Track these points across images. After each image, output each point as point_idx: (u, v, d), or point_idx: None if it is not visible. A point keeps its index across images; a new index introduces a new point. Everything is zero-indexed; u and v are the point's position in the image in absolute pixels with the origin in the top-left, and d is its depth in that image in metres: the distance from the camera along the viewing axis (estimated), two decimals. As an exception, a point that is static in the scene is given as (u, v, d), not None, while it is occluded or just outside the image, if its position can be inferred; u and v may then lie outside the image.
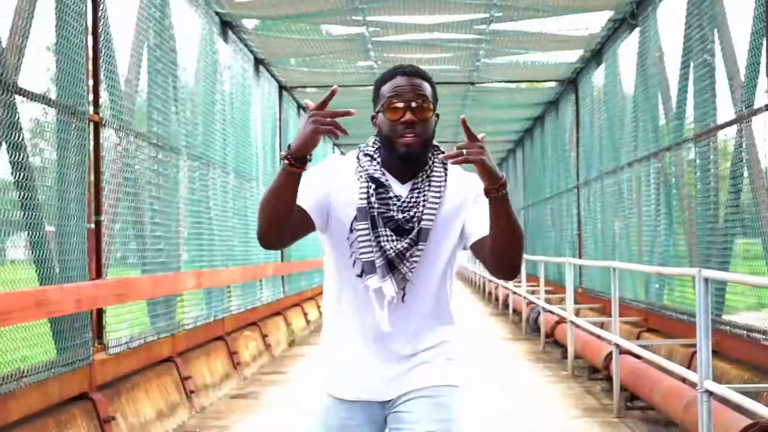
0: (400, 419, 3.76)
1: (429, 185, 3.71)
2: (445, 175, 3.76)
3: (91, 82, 8.64)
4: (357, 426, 3.81)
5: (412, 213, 3.66)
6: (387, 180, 3.70)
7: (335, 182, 3.74)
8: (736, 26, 9.77)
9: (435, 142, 3.78)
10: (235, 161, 14.83)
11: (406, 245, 3.65)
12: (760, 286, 7.92)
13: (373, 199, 3.67)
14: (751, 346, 8.97)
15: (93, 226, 8.56)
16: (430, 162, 3.76)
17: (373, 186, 3.69)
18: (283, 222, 3.55)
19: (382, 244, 3.65)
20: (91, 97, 8.63)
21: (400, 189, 3.72)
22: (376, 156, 3.76)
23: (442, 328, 3.81)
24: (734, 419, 7.40)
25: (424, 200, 3.68)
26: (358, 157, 3.78)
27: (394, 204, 3.67)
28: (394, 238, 3.65)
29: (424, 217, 3.66)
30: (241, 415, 10.68)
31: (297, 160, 3.42)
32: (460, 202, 3.74)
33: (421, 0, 13.96)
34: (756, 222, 9.15)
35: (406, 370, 3.76)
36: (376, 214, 3.66)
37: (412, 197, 3.68)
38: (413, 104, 3.65)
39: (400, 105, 3.65)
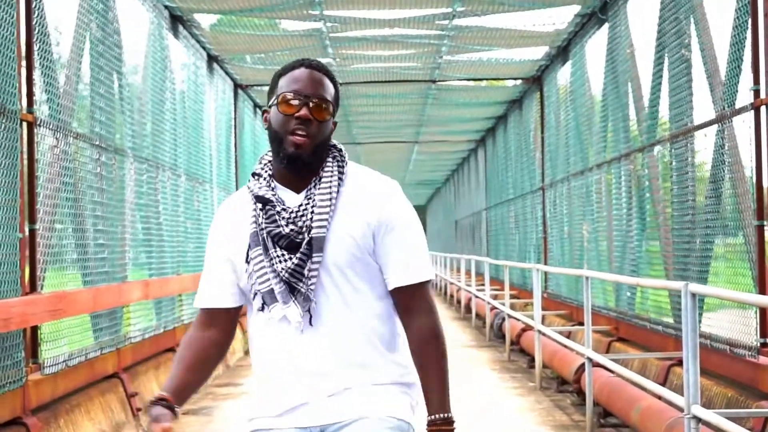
0: None
1: (319, 189, 3.26)
2: (340, 174, 3.31)
3: (24, 78, 7.97)
4: None
5: (301, 223, 3.21)
6: (275, 194, 3.28)
7: (227, 233, 3.41)
8: (716, 19, 9.25)
9: (334, 142, 3.36)
10: (186, 163, 14.20)
11: (297, 260, 3.20)
12: (749, 303, 7.30)
13: (261, 219, 3.26)
14: (733, 361, 8.42)
15: (26, 235, 7.89)
16: (324, 164, 3.32)
17: (260, 206, 3.27)
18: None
19: (275, 266, 3.21)
20: (24, 94, 7.95)
21: (293, 200, 3.28)
22: (264, 172, 3.35)
23: (374, 356, 3.31)
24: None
25: (312, 206, 3.23)
26: (248, 183, 3.36)
27: (283, 218, 3.23)
28: (287, 257, 3.21)
29: (314, 225, 3.21)
30: (191, 434, 10.09)
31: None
32: (366, 210, 3.28)
33: (381, -6, 13.47)
34: (738, 230, 8.62)
35: (341, 392, 3.29)
36: (265, 234, 3.24)
37: (301, 205, 3.24)
38: (312, 101, 3.24)
39: (297, 100, 3.23)
